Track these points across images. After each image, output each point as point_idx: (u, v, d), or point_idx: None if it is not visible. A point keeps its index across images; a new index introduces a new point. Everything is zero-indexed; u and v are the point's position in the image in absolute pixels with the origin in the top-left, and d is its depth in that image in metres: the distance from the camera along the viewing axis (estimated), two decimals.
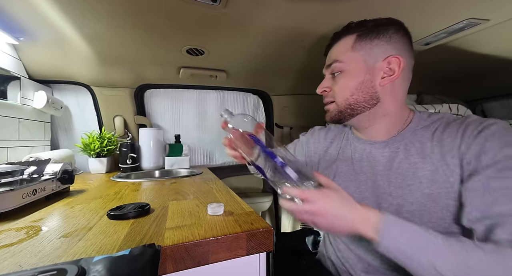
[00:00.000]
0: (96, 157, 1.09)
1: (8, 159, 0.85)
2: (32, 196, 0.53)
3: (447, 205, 0.45)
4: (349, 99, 0.54)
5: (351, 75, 0.53)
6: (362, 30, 0.53)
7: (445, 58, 1.04)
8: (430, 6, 0.65)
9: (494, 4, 0.64)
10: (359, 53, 0.52)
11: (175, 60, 1.03)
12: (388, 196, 0.52)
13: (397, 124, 0.55)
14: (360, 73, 0.53)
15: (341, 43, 0.55)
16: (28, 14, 0.69)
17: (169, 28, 0.76)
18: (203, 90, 1.40)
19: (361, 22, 0.54)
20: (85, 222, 0.44)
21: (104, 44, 0.86)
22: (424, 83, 1.47)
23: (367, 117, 0.55)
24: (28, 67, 0.98)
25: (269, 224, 0.42)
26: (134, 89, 1.22)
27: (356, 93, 0.53)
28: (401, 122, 0.55)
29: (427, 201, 0.47)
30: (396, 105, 0.54)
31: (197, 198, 0.60)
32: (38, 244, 0.36)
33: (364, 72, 0.52)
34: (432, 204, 0.46)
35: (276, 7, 0.66)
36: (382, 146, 0.55)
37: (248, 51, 0.95)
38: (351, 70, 0.53)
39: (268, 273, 0.42)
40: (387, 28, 0.52)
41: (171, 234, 0.38)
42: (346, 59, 0.54)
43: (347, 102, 0.54)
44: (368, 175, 0.56)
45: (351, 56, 0.53)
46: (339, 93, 0.55)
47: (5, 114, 0.85)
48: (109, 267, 0.28)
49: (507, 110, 1.59)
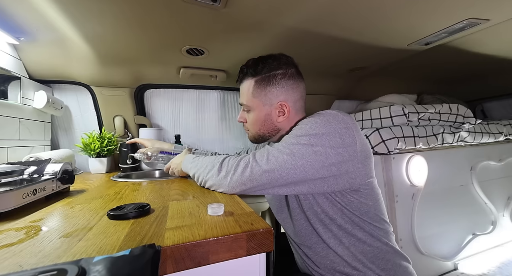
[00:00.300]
0: (96, 157, 1.09)
1: (8, 159, 0.85)
2: (32, 196, 0.53)
3: None
4: (258, 132, 0.71)
5: (256, 115, 0.68)
6: (257, 76, 0.66)
7: (445, 58, 1.04)
8: (430, 6, 0.65)
9: (494, 4, 0.64)
10: (257, 98, 0.67)
11: (175, 60, 1.03)
12: None
13: None
14: (261, 114, 0.67)
15: (245, 85, 0.69)
16: (28, 14, 0.69)
17: (169, 28, 0.76)
18: (203, 90, 1.40)
19: (256, 68, 0.66)
20: (85, 222, 0.44)
21: (104, 44, 0.86)
22: (424, 83, 1.47)
23: (273, 139, 0.72)
24: (28, 67, 0.98)
25: (269, 224, 0.42)
26: (134, 89, 1.22)
27: (262, 128, 0.69)
28: None
29: None
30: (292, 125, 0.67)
31: (197, 198, 0.60)
32: (38, 244, 0.36)
33: (264, 113, 0.67)
34: None
35: (276, 6, 0.66)
36: None
37: (248, 51, 0.95)
38: (255, 112, 0.68)
39: (268, 274, 0.42)
40: (275, 75, 0.65)
41: (171, 234, 0.38)
42: (250, 103, 0.68)
43: (257, 134, 0.71)
44: None
45: (253, 101, 0.67)
46: (250, 127, 0.72)
47: (5, 114, 0.85)
48: (109, 267, 0.28)
49: (507, 110, 1.59)
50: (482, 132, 1.20)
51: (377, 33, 0.81)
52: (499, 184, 1.28)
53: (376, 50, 0.93)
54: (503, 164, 1.28)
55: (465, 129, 1.13)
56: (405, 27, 0.77)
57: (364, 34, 0.81)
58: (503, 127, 1.29)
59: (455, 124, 1.09)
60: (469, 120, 1.07)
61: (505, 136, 1.29)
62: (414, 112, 0.97)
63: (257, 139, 0.74)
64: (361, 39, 0.84)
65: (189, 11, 0.67)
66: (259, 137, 0.72)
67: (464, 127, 1.11)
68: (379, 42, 0.87)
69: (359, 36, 0.82)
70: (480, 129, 1.20)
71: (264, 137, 0.72)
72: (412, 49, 0.92)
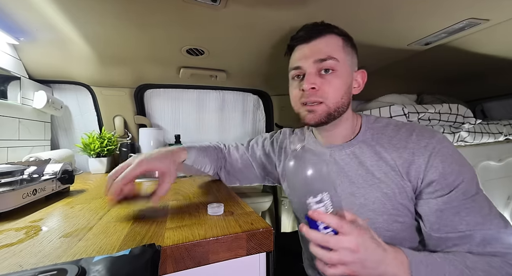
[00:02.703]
0: (96, 157, 1.08)
1: (8, 159, 0.85)
2: (32, 196, 0.53)
3: (402, 203, 0.50)
4: (339, 101, 0.53)
5: (344, 77, 0.53)
6: (343, 35, 0.55)
7: (445, 58, 1.04)
8: (430, 6, 0.65)
9: (494, 4, 0.64)
10: (347, 57, 0.54)
11: (175, 60, 1.03)
12: (350, 196, 0.55)
13: (351, 129, 0.59)
14: (348, 78, 0.54)
15: (330, 40, 0.53)
16: (28, 14, 0.69)
17: (169, 28, 0.76)
18: (203, 90, 1.40)
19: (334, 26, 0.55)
20: (85, 222, 0.44)
21: (104, 44, 0.86)
22: (424, 83, 1.47)
23: (337, 121, 0.55)
24: (28, 67, 0.98)
25: (269, 224, 0.42)
26: (134, 89, 1.22)
27: (345, 96, 0.54)
28: (354, 125, 0.59)
29: (386, 199, 0.51)
30: (351, 112, 0.59)
31: (197, 198, 0.60)
32: (38, 244, 0.36)
33: (349, 78, 0.55)
34: (390, 202, 0.51)
35: (277, 6, 0.66)
36: (339, 149, 0.58)
37: (248, 51, 0.95)
38: (344, 71, 0.53)
39: (268, 273, 0.42)
40: (353, 41, 0.57)
41: (171, 234, 0.38)
42: (341, 58, 0.52)
43: (338, 104, 0.53)
44: None
45: (344, 57, 0.53)
46: (332, 94, 0.52)
47: (5, 114, 0.84)
48: (109, 267, 0.28)
49: (507, 110, 1.59)
50: (482, 132, 1.20)
51: (377, 33, 0.81)
52: (499, 184, 1.28)
53: (376, 50, 0.93)
54: (503, 164, 1.28)
55: (465, 129, 1.13)
56: (405, 27, 0.77)
57: (363, 34, 0.81)
58: (503, 127, 1.29)
59: (455, 124, 1.09)
60: (469, 120, 1.07)
61: (505, 136, 1.29)
62: (414, 112, 0.96)
63: (330, 115, 0.53)
64: (361, 39, 0.84)
65: (189, 11, 0.67)
66: (335, 110, 0.53)
67: (464, 127, 1.11)
68: (379, 42, 0.87)
69: (358, 36, 0.82)
70: (480, 129, 1.20)
71: (339, 112, 0.54)
72: (412, 49, 0.92)
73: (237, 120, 1.51)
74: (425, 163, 0.48)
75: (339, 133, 0.59)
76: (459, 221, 0.45)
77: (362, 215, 0.52)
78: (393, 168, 0.50)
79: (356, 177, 0.54)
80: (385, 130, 0.55)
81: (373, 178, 0.52)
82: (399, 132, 0.53)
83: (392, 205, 0.50)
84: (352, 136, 0.58)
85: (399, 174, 0.50)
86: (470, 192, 0.46)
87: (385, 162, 0.51)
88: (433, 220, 0.47)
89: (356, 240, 0.36)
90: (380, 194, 0.51)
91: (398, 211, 0.50)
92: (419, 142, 0.49)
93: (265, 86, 1.45)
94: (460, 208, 0.45)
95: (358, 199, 0.54)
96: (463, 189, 0.45)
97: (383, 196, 0.51)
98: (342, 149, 0.58)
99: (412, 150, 0.49)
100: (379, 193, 0.51)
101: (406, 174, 0.49)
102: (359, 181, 0.54)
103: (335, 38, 0.54)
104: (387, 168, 0.51)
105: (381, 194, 0.51)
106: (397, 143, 0.52)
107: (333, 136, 0.60)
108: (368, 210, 0.52)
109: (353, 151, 0.56)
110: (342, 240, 0.36)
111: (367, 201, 0.52)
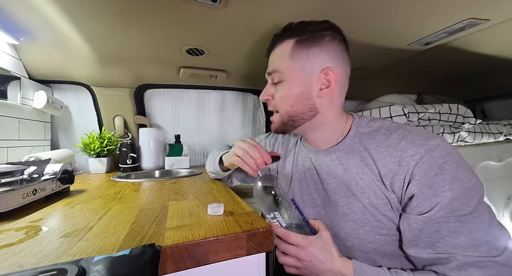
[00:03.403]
0: (96, 157, 1.09)
1: (8, 159, 0.85)
2: (32, 196, 0.53)
3: (386, 215, 0.47)
4: (289, 110, 0.53)
5: (290, 86, 0.52)
6: (300, 35, 0.51)
7: (445, 58, 1.04)
8: (430, 6, 0.65)
9: (494, 4, 0.64)
10: (296, 62, 0.51)
11: (175, 60, 1.03)
12: (334, 204, 0.53)
13: (336, 133, 0.55)
14: (297, 84, 0.51)
15: (280, 49, 0.53)
16: (28, 14, 0.69)
17: (169, 28, 0.76)
18: (203, 90, 1.40)
19: (301, 26, 0.52)
20: (85, 222, 0.44)
21: (104, 44, 0.86)
22: (424, 83, 1.47)
23: (308, 127, 0.55)
24: (28, 67, 0.98)
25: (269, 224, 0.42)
26: (134, 89, 1.22)
27: (295, 105, 0.52)
28: (339, 130, 0.55)
29: (368, 210, 0.48)
30: (334, 114, 0.54)
31: (197, 198, 0.60)
32: (38, 244, 0.36)
33: (301, 83, 0.51)
34: (373, 213, 0.48)
35: (277, 6, 0.66)
36: (324, 154, 0.56)
37: (248, 51, 0.95)
38: (290, 80, 0.52)
39: (268, 273, 0.42)
40: (323, 35, 0.50)
41: (171, 234, 0.38)
42: (284, 69, 0.52)
43: (289, 113, 0.53)
44: (317, 183, 0.57)
45: (289, 65, 0.51)
46: (280, 104, 0.54)
47: (5, 114, 0.84)
48: (109, 267, 0.28)
49: (507, 110, 1.59)
50: (482, 132, 1.20)
51: (376, 33, 0.81)
52: (499, 184, 1.28)
53: (376, 50, 0.93)
54: (503, 164, 1.28)
55: (465, 129, 1.13)
56: (405, 27, 0.77)
57: (363, 34, 0.81)
58: (503, 127, 1.29)
59: (455, 124, 1.09)
60: (469, 120, 1.07)
61: (505, 136, 1.29)
62: (414, 112, 0.96)
63: (285, 124, 0.55)
64: (361, 39, 0.84)
65: (189, 11, 0.67)
66: (288, 119, 0.54)
67: (464, 127, 1.11)
68: (379, 42, 0.87)
69: (358, 36, 0.82)
70: (480, 129, 1.20)
71: (294, 120, 0.53)
72: (412, 49, 0.92)
73: (237, 120, 1.51)
74: (409, 174, 0.43)
75: (320, 137, 0.56)
76: (437, 241, 0.41)
77: (344, 224, 0.51)
78: (377, 178, 0.47)
79: (339, 184, 0.52)
80: (375, 135, 0.50)
81: (357, 187, 0.49)
82: (389, 138, 0.48)
83: (374, 216, 0.47)
84: (338, 140, 0.55)
85: (383, 184, 0.46)
86: (460, 210, 0.40)
87: (370, 170, 0.48)
88: (410, 237, 0.44)
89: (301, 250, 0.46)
90: (362, 204, 0.48)
91: (381, 223, 0.47)
92: (406, 150, 0.44)
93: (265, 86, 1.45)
94: (441, 226, 0.40)
95: (340, 207, 0.51)
96: (447, 206, 0.40)
97: (366, 206, 0.48)
98: (328, 154, 0.55)
99: (399, 159, 0.45)
100: (362, 203, 0.48)
101: (390, 185, 0.46)
102: (342, 189, 0.51)
103: (286, 45, 0.52)
104: (372, 176, 0.47)
105: (363, 204, 0.48)
106: (384, 151, 0.47)
107: (315, 140, 0.57)
108: (350, 219, 0.50)
109: (338, 157, 0.53)
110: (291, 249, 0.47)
111: (349, 210, 0.50)
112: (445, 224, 0.40)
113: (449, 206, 0.40)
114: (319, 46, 0.50)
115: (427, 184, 0.41)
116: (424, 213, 0.42)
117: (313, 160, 0.58)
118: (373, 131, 0.52)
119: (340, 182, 0.52)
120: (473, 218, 0.40)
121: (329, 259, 0.45)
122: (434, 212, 0.41)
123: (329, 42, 0.50)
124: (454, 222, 0.40)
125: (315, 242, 0.46)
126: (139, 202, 0.58)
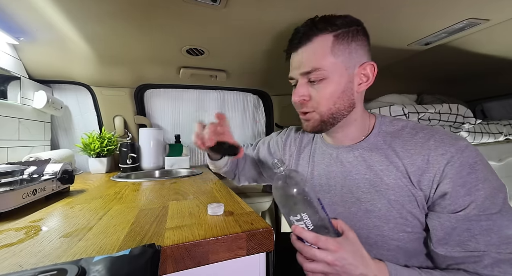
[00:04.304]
0: (96, 157, 1.09)
1: (8, 159, 0.85)
2: (32, 196, 0.53)
3: (412, 212, 0.47)
4: (332, 108, 0.51)
5: (335, 83, 0.49)
6: (337, 30, 0.49)
7: (445, 58, 1.04)
8: (430, 6, 0.65)
9: (494, 4, 0.64)
10: (339, 59, 0.49)
11: (175, 60, 1.03)
12: (356, 201, 0.53)
13: (362, 129, 0.55)
14: (342, 81, 0.50)
15: (317, 45, 0.49)
16: (28, 14, 0.69)
17: (169, 28, 0.76)
18: (203, 90, 1.40)
19: (329, 20, 0.49)
20: (85, 222, 0.44)
21: (104, 44, 0.86)
22: (424, 83, 1.47)
23: (342, 123, 0.54)
24: (28, 67, 0.98)
25: (269, 224, 0.42)
26: (134, 89, 1.22)
27: (338, 101, 0.50)
28: (366, 127, 0.56)
29: (393, 206, 0.48)
30: (361, 110, 0.55)
31: (197, 198, 0.60)
32: (38, 244, 0.36)
33: (346, 80, 0.50)
34: (398, 210, 0.48)
35: (277, 6, 0.66)
36: (347, 151, 0.56)
37: (248, 51, 0.95)
38: (335, 76, 0.49)
39: (268, 273, 0.42)
40: (357, 30, 0.50)
41: (171, 234, 0.38)
42: (328, 66, 0.49)
43: (331, 111, 0.51)
44: (337, 180, 0.57)
45: (333, 62, 0.49)
46: (323, 103, 0.51)
47: (5, 114, 0.84)
48: (109, 267, 0.28)
49: (507, 110, 1.59)
50: (482, 132, 1.20)
51: (377, 33, 0.81)
52: None
53: (376, 50, 0.93)
54: (503, 164, 1.28)
55: (465, 129, 1.13)
56: (405, 27, 0.77)
57: None
58: (503, 127, 1.29)
59: (455, 124, 1.09)
60: (469, 120, 1.07)
61: (505, 136, 1.29)
62: (414, 112, 0.97)
63: (325, 122, 0.52)
64: None
65: (189, 11, 0.67)
66: (329, 117, 0.52)
67: (464, 127, 1.11)
68: (379, 42, 0.87)
69: None
70: (480, 129, 1.20)
71: (335, 118, 0.52)
72: (412, 49, 0.92)
73: (237, 120, 1.51)
74: (440, 172, 0.44)
75: (347, 134, 0.56)
76: (468, 239, 0.41)
77: (367, 221, 0.50)
78: (404, 175, 0.47)
79: (362, 181, 0.52)
80: (400, 134, 0.51)
81: (382, 184, 0.49)
82: (415, 137, 0.49)
83: (400, 213, 0.47)
84: (362, 138, 0.55)
85: (410, 181, 0.47)
86: (490, 209, 0.41)
87: (396, 167, 0.48)
88: (441, 236, 0.44)
89: (331, 255, 0.40)
90: (387, 201, 0.48)
91: (406, 221, 0.47)
92: (436, 149, 0.45)
93: (265, 86, 1.45)
94: (473, 225, 0.41)
95: (363, 204, 0.51)
96: (480, 204, 0.41)
97: (391, 203, 0.48)
98: (350, 150, 0.55)
99: (428, 157, 0.45)
100: (387, 199, 0.48)
101: (417, 183, 0.46)
102: (366, 186, 0.51)
103: (323, 40, 0.49)
104: (398, 174, 0.48)
105: (389, 200, 0.48)
106: (411, 149, 0.48)
107: (340, 137, 0.57)
108: (373, 216, 0.50)
109: (361, 154, 0.53)
110: (320, 253, 0.41)
111: (373, 206, 0.50)
112: (476, 222, 0.41)
113: (482, 204, 0.41)
114: (358, 41, 0.50)
115: (460, 183, 0.42)
116: (458, 211, 0.42)
117: (333, 156, 0.58)
118: (398, 130, 0.52)
119: (363, 178, 0.52)
120: (501, 216, 0.41)
121: (362, 263, 0.41)
122: (469, 211, 0.41)
123: (362, 37, 0.51)
124: (485, 220, 0.41)
125: (345, 245, 0.42)
126: (139, 202, 0.58)
